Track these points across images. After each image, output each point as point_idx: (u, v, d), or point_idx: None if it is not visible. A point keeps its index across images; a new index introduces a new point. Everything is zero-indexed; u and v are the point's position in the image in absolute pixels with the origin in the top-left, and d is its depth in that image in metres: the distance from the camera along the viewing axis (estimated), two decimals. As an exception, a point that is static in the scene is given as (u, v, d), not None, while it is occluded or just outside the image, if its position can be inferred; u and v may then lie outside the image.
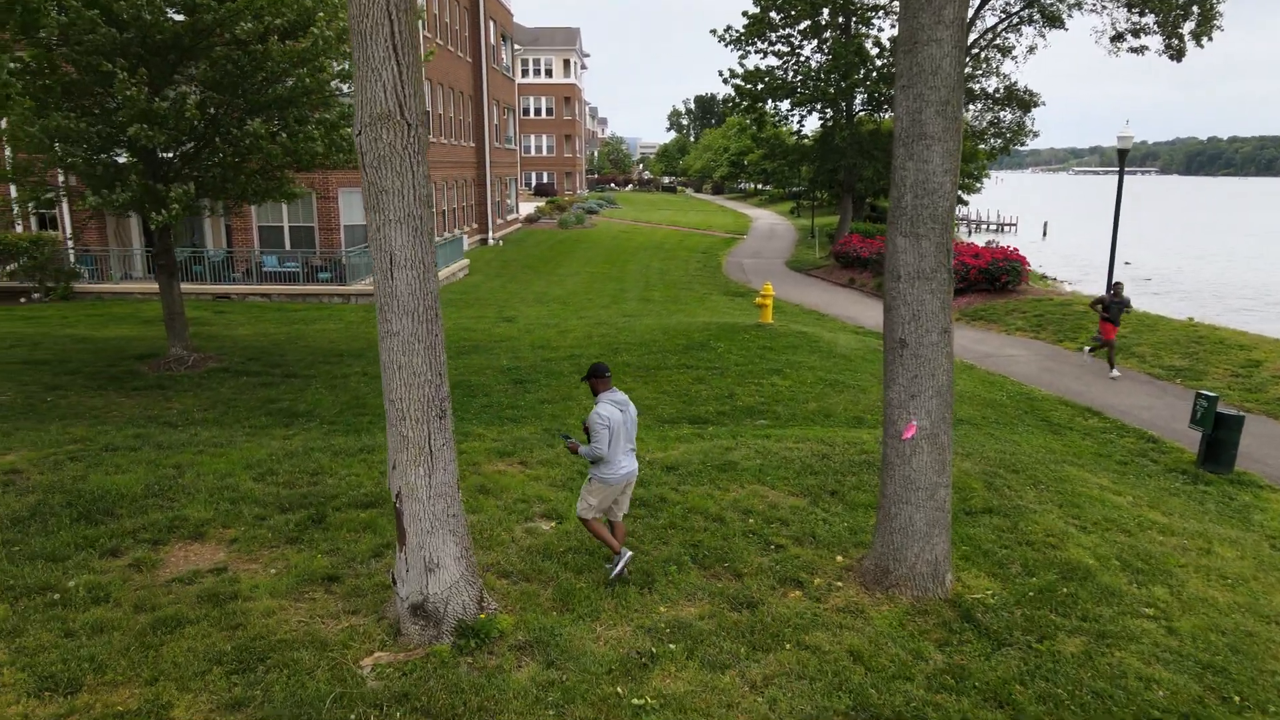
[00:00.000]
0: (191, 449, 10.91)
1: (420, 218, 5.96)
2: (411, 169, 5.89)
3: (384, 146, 5.81)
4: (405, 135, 5.84)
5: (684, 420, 13.25)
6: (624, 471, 7.28)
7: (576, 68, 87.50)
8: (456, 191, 37.78)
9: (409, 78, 5.81)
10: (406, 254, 5.94)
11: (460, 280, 29.79)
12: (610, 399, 7.24)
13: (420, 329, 6.05)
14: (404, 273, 5.96)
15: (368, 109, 5.81)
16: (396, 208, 5.89)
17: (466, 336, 18.83)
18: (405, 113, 5.82)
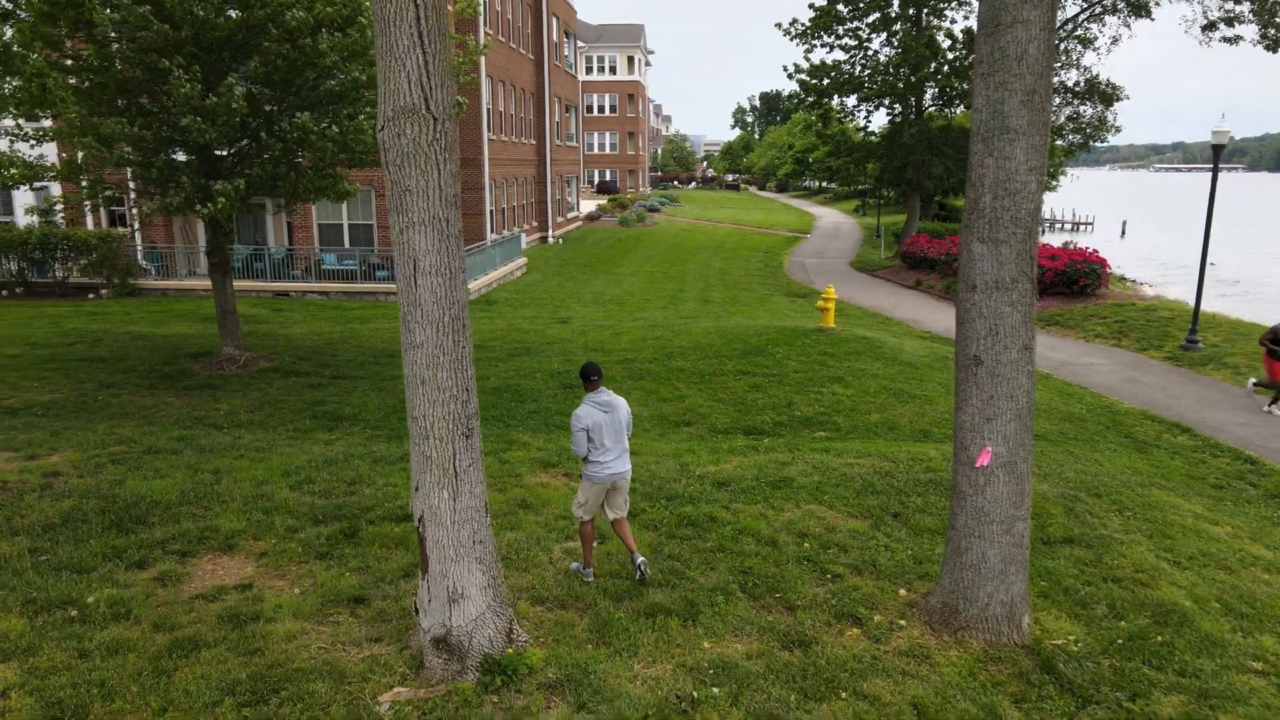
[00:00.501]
0: (233, 453, 10.70)
1: (446, 220, 5.50)
2: (437, 167, 5.43)
3: (407, 143, 5.36)
4: (431, 131, 5.37)
5: (739, 431, 12.64)
6: (608, 472, 7.29)
7: (640, 65, 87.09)
8: (516, 189, 37.65)
9: (435, 68, 5.35)
10: (431, 259, 5.49)
11: (517, 279, 29.57)
12: (594, 400, 7.25)
13: (445, 341, 5.59)
14: (428, 280, 5.50)
15: (390, 102, 5.36)
16: (421, 209, 5.44)
17: (519, 338, 18.48)
18: (431, 106, 5.35)
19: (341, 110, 13.88)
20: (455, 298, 5.60)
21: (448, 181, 5.50)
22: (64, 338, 17.94)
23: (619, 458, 7.33)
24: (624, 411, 7.39)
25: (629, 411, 7.50)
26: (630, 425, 7.55)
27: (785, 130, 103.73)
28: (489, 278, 26.82)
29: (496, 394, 13.98)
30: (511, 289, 27.15)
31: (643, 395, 14.18)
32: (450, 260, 5.55)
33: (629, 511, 7.82)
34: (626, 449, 7.40)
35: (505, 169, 35.19)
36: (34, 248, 23.48)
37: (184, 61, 12.03)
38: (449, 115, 5.47)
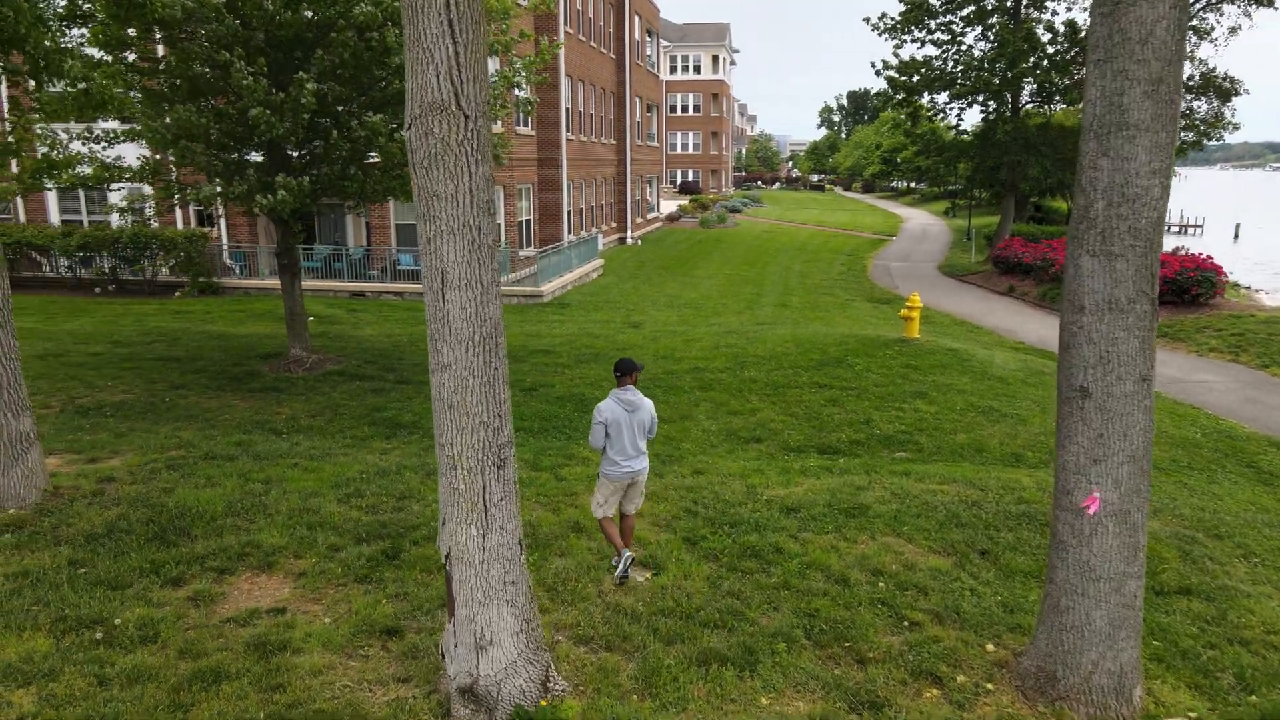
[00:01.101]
0: (287, 461, 10.47)
1: (478, 228, 4.96)
2: (469, 170, 4.89)
3: (435, 142, 4.84)
4: (461, 129, 4.84)
5: (812, 449, 11.86)
6: (624, 470, 7.35)
7: (725, 64, 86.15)
8: (594, 190, 37.33)
9: (468, 60, 4.82)
10: (461, 272, 4.96)
11: (592, 281, 29.19)
12: (619, 396, 7.26)
13: (476, 361, 5.05)
14: (457, 294, 4.98)
15: (417, 98, 4.85)
16: (450, 216, 4.91)
17: (588, 343, 18.01)
18: (462, 101, 4.82)
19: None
20: (487, 314, 5.06)
21: (480, 186, 4.96)
22: (145, 336, 18.25)
23: (636, 457, 7.37)
24: (647, 413, 7.39)
25: (653, 414, 7.51)
26: (654, 428, 7.53)
27: (873, 129, 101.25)
28: (564, 280, 26.50)
29: (560, 403, 13.50)
30: (586, 291, 26.77)
31: (712, 407, 13.50)
32: (482, 273, 5.01)
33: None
34: (643, 449, 7.43)
35: (584, 169, 34.90)
36: (125, 246, 24.13)
37: (244, 53, 11.89)
38: (483, 113, 4.93)
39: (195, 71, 11.80)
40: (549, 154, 30.88)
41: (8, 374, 8.35)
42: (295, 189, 12.49)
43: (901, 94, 35.41)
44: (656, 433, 7.77)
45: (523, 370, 15.56)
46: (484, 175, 4.98)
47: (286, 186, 12.40)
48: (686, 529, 8.68)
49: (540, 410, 13.09)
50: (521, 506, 9.25)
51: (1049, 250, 29.59)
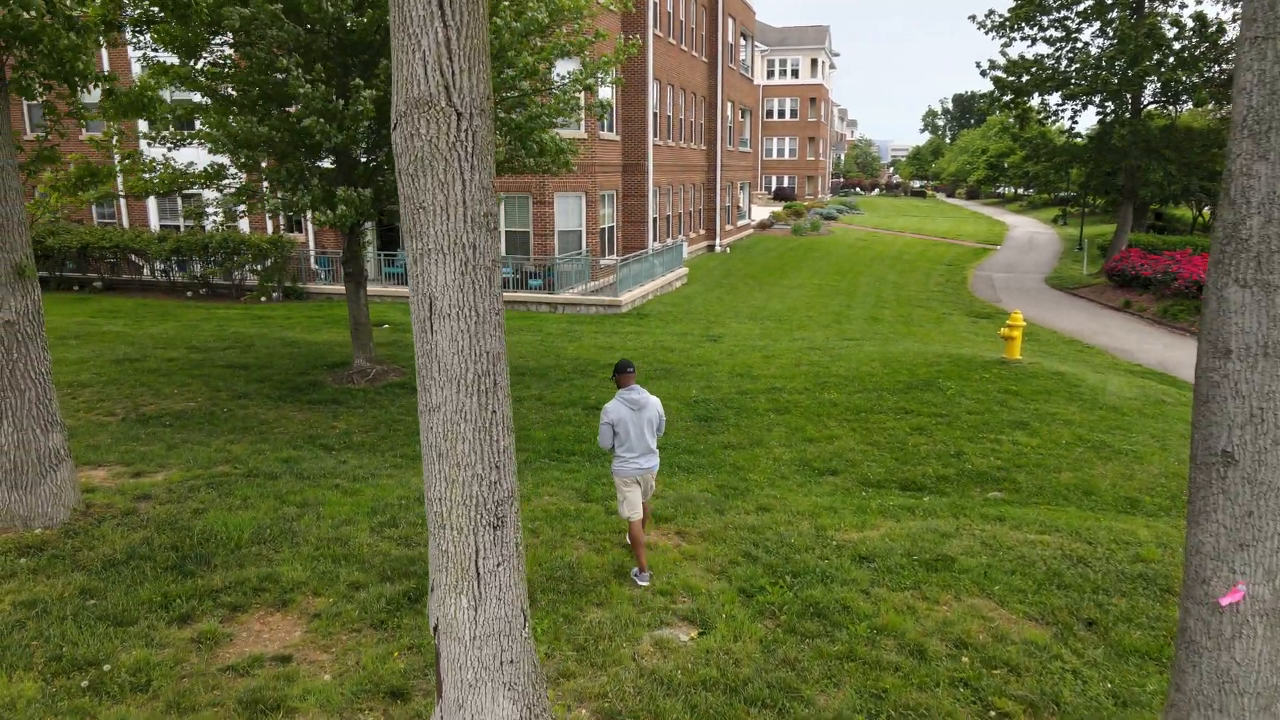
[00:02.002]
0: (329, 481, 9.98)
1: (473, 247, 4.19)
2: (462, 177, 4.13)
3: (422, 145, 4.10)
4: (453, 129, 4.09)
5: (894, 484, 10.72)
6: (633, 467, 7.52)
7: (824, 67, 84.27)
8: (682, 196, 36.52)
9: (462, 46, 4.06)
10: (452, 298, 4.20)
11: (675, 290, 28.37)
12: (625, 396, 7.45)
13: (469, 404, 4.29)
14: (447, 324, 4.22)
15: (403, 93, 4.12)
16: (439, 232, 4.16)
17: (662, 358, 17.18)
18: (454, 96, 4.06)
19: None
20: (483, 347, 4.28)
21: (476, 197, 4.19)
22: (221, 341, 18.32)
23: (645, 454, 7.53)
24: (654, 410, 7.57)
25: (660, 411, 7.67)
26: (662, 425, 7.71)
27: (979, 133, 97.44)
28: (645, 289, 25.76)
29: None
30: (668, 301, 25.96)
31: (786, 433, 12.48)
32: (477, 299, 4.24)
33: None
34: (653, 448, 7.58)
35: (671, 175, 34.13)
36: (215, 251, 24.56)
37: (302, 60, 11.55)
38: (481, 110, 4.16)
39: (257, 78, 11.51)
40: (634, 159, 30.23)
41: (36, 389, 8.06)
42: (355, 201, 12.10)
43: (1009, 95, 33.42)
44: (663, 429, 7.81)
45: (588, 386, 14.84)
46: (481, 184, 4.21)
47: (346, 200, 12.01)
48: (744, 577, 7.75)
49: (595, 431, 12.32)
50: (565, 544, 8.52)
51: (1171, 262, 27.29)
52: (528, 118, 13.30)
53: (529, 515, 9.00)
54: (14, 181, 7.72)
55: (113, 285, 26.65)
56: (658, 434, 7.60)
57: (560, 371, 15.88)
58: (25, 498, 8.12)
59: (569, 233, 26.14)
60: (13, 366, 7.90)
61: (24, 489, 8.11)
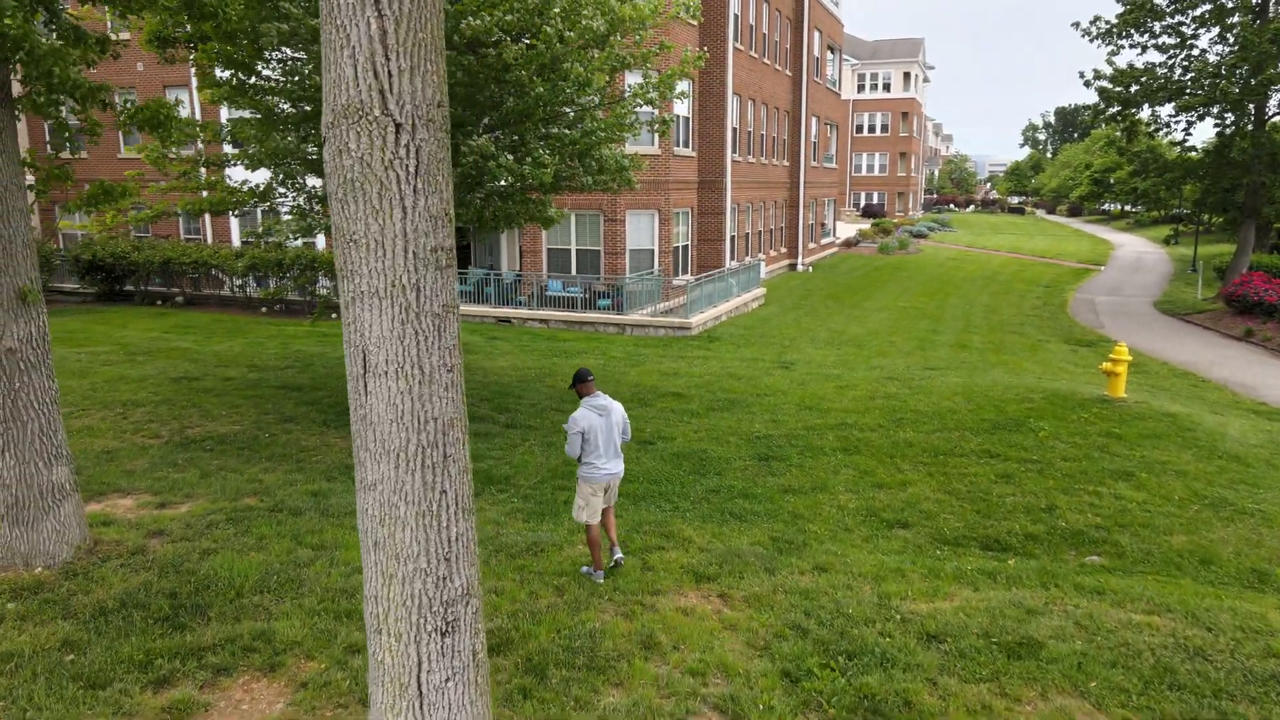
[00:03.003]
0: (352, 520, 9.35)
1: (416, 289, 3.39)
2: (401, 203, 3.34)
3: (352, 163, 3.32)
4: (390, 144, 3.30)
5: (973, 541, 9.50)
6: (603, 473, 7.75)
7: (918, 81, 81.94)
8: (762, 213, 35.44)
9: (402, 43, 3.27)
10: (389, 352, 3.40)
11: (751, 312, 27.30)
12: (591, 403, 7.69)
13: (410, 482, 3.47)
14: (384, 385, 3.42)
15: (331, 98, 3.35)
16: (374, 271, 3.37)
17: (727, 386, 16.19)
18: (390, 103, 3.28)
19: (527, 131, 12.42)
20: (429, 412, 3.46)
21: (421, 228, 3.38)
22: (283, 360, 18.16)
23: (613, 459, 7.81)
24: (619, 414, 7.84)
25: (624, 415, 7.94)
26: (627, 430, 7.96)
27: (1083, 148, 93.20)
28: (719, 310, 24.80)
29: (676, 461, 11.78)
30: (741, 323, 24.93)
31: (854, 476, 11.34)
32: (422, 354, 3.42)
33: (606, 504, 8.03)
34: (619, 452, 7.88)
35: (750, 192, 33.12)
36: (288, 267, 24.69)
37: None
38: (428, 121, 3.36)
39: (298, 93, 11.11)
40: (712, 176, 29.34)
41: (40, 420, 7.64)
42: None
43: (1116, 106, 31.27)
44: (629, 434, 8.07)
45: (645, 417, 13.97)
46: (428, 212, 3.40)
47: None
48: (790, 655, 6.73)
49: (650, 470, 11.43)
50: (590, 605, 7.65)
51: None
52: (584, 133, 12.58)
53: (557, 568, 8.17)
54: (19, 201, 7.33)
55: (193, 300, 27.13)
56: (624, 438, 7.89)
57: (618, 399, 15.05)
58: (27, 534, 7.70)
59: (640, 251, 25.41)
60: (14, 396, 7.50)
61: (25, 525, 7.69)
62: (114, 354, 18.59)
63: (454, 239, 3.55)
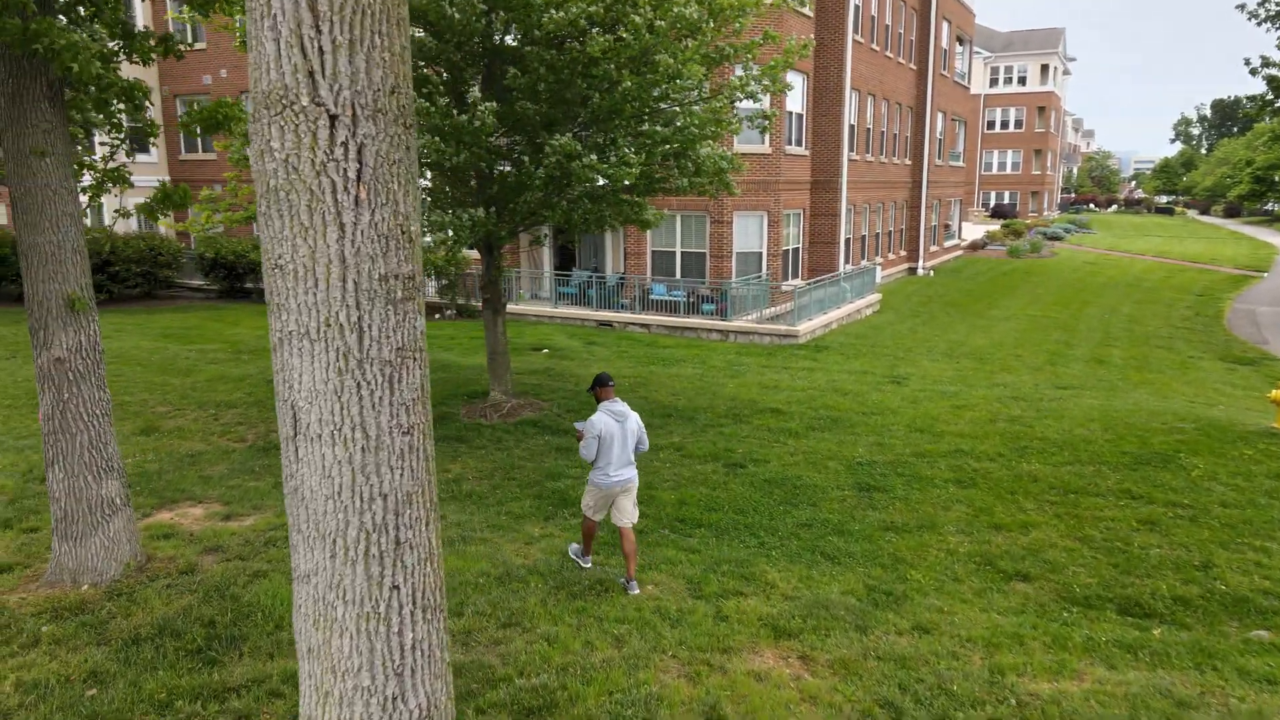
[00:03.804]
0: (413, 543, 8.82)
1: (359, 329, 2.63)
2: (339, 219, 2.59)
3: (275, 167, 2.58)
4: (324, 141, 2.55)
5: (1109, 603, 8.14)
6: (615, 479, 7.67)
7: (1056, 74, 77.25)
8: (881, 215, 33.69)
9: (338, 10, 2.50)
10: (324, 410, 2.65)
11: (864, 319, 25.81)
12: (608, 409, 7.64)
13: (351, 575, 2.72)
14: (317, 451, 2.68)
15: (254, 83, 2.61)
16: (303, 306, 2.63)
17: (830, 404, 15.01)
18: (321, 89, 2.53)
19: (614, 128, 11.67)
20: (377, 487, 2.70)
21: (366, 250, 2.62)
22: (378, 362, 18.06)
23: (625, 466, 7.73)
24: (634, 422, 7.80)
25: (640, 424, 7.88)
26: (643, 439, 7.90)
27: (1242, 142, 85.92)
28: (828, 317, 23.48)
29: (767, 488, 10.78)
30: (853, 331, 23.52)
31: (967, 514, 10.07)
32: (366, 413, 2.67)
33: None
34: (632, 460, 7.82)
35: (868, 192, 31.49)
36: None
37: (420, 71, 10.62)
38: (375, 112, 2.59)
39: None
40: (826, 176, 27.95)
41: (90, 432, 7.37)
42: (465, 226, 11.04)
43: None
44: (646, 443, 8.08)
45: (739, 435, 12.99)
46: (378, 230, 2.63)
47: (453, 224, 10.98)
48: None
49: (738, 498, 10.47)
50: (650, 662, 6.80)
51: None
52: (676, 131, 11.72)
53: (619, 614, 7.36)
54: (69, 205, 7.05)
55: (307, 298, 27.74)
56: (640, 449, 7.86)
57: (711, 414, 14.14)
58: (75, 550, 7.46)
59: (748, 254, 24.33)
60: (64, 408, 7.25)
61: (74, 540, 7.45)
62: (221, 352, 18.93)
63: (418, 263, 2.77)
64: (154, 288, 27.84)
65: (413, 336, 2.74)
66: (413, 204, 2.72)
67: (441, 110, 10.63)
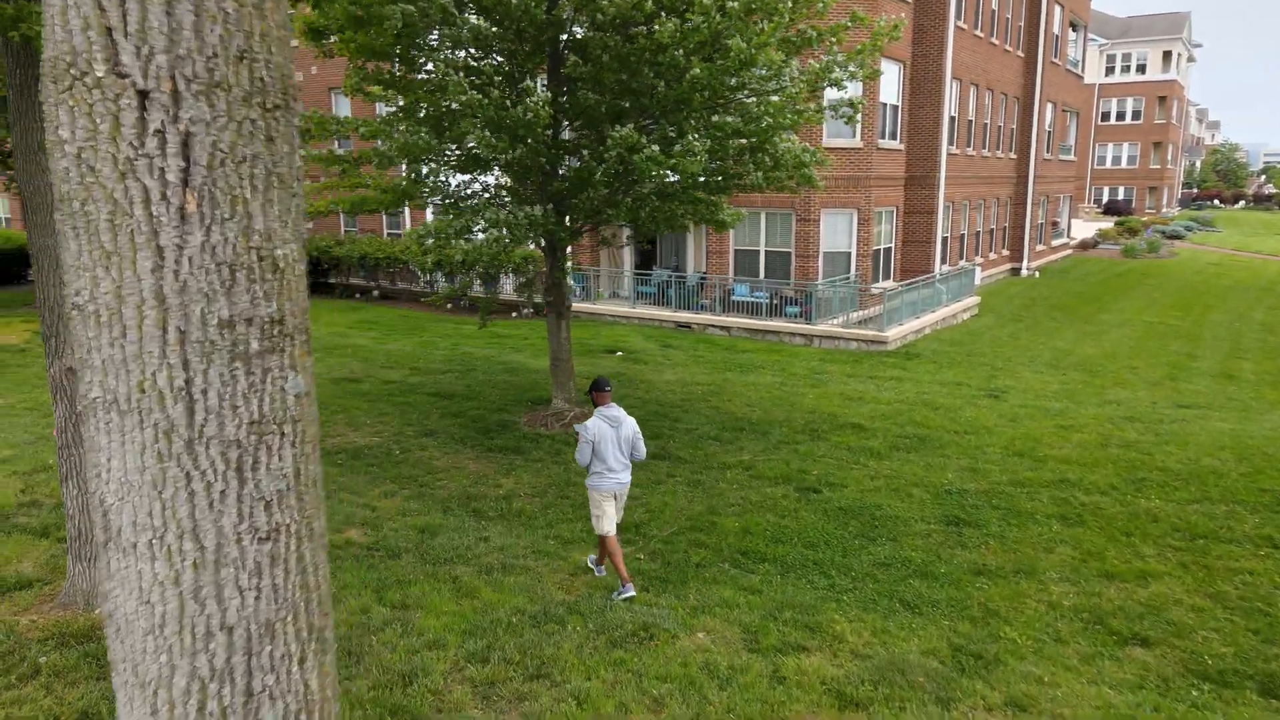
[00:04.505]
0: (448, 571, 8.17)
1: (187, 396, 1.84)
2: (154, 238, 1.80)
3: (67, 164, 1.81)
4: (129, 129, 1.76)
5: (1249, 680, 6.85)
6: (611, 482, 7.73)
7: (1180, 61, 72.43)
8: (981, 212, 31.76)
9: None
10: (140, 512, 1.88)
11: (960, 324, 24.21)
12: (604, 413, 7.71)
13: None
14: (133, 569, 1.91)
15: (44, 47, 1.85)
16: (110, 362, 1.85)
17: (919, 419, 13.78)
18: (123, 54, 1.73)
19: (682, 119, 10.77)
20: (220, 617, 1.95)
21: (200, 285, 1.83)
22: (447, 363, 17.65)
23: (622, 470, 7.77)
24: (630, 428, 7.78)
25: (636, 429, 7.84)
26: (639, 445, 7.84)
27: (1390, 133, 78.87)
28: (921, 321, 22.03)
29: (841, 519, 9.74)
30: (947, 337, 22.01)
31: (1073, 558, 8.82)
32: (201, 514, 1.88)
33: None
34: (628, 464, 7.82)
35: (968, 188, 29.67)
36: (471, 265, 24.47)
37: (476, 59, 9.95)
38: (215, 88, 1.79)
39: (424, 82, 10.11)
40: (922, 171, 26.36)
41: (103, 447, 6.92)
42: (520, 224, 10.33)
43: None
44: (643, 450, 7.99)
45: (815, 454, 11.95)
46: (218, 256, 1.84)
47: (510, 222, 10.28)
48: None
49: (809, 528, 9.47)
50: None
51: None
52: (748, 121, 10.74)
53: (662, 668, 6.50)
54: (81, 207, 6.58)
55: (388, 295, 27.73)
56: (637, 456, 7.85)
57: (787, 429, 13.12)
58: (89, 571, 7.05)
59: (836, 254, 23.05)
60: (76, 420, 6.81)
61: (87, 561, 7.04)
62: (294, 350, 18.84)
63: (295, 299, 1.97)
64: (242, 282, 28.29)
65: (278, 404, 1.95)
66: (283, 217, 1.92)
67: (495, 102, 9.94)
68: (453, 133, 10.56)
